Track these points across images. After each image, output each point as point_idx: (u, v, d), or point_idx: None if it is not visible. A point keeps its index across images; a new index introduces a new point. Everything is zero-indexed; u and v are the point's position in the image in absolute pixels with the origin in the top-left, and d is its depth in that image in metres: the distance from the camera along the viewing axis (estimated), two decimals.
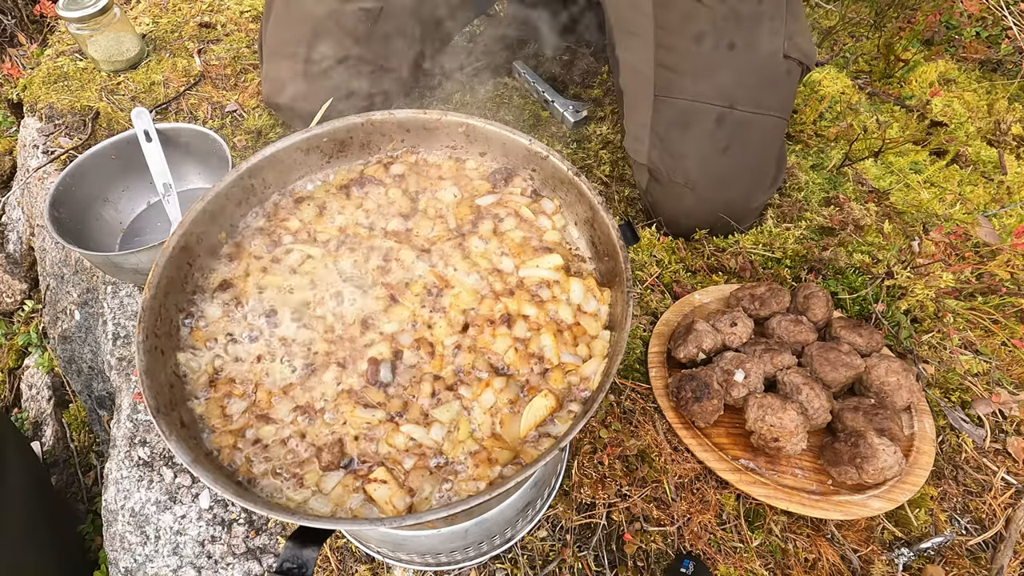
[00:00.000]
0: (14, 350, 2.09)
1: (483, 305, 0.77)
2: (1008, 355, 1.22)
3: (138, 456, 1.16)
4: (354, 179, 0.88)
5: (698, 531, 0.99)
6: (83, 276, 1.56)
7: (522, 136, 0.84)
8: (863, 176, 1.56)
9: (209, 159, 1.42)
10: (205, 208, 0.77)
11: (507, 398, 0.70)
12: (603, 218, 0.76)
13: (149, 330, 0.67)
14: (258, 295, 0.77)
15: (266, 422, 0.68)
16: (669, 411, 1.09)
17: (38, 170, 1.65)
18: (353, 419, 0.67)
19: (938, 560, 0.98)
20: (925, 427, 1.06)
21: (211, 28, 1.97)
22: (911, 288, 1.24)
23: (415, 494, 0.63)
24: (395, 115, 0.87)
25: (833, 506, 0.96)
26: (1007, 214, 1.49)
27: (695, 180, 1.30)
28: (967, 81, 1.87)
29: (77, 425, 1.88)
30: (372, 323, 0.76)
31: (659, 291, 1.31)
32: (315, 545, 0.57)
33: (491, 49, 1.97)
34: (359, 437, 0.67)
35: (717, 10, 1.19)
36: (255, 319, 0.75)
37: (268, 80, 1.50)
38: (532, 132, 1.69)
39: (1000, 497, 1.05)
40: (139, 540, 1.07)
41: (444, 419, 0.68)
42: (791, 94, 1.33)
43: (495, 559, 0.99)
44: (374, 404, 0.68)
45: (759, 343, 1.12)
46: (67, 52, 1.87)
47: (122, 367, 1.31)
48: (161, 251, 0.72)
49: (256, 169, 0.82)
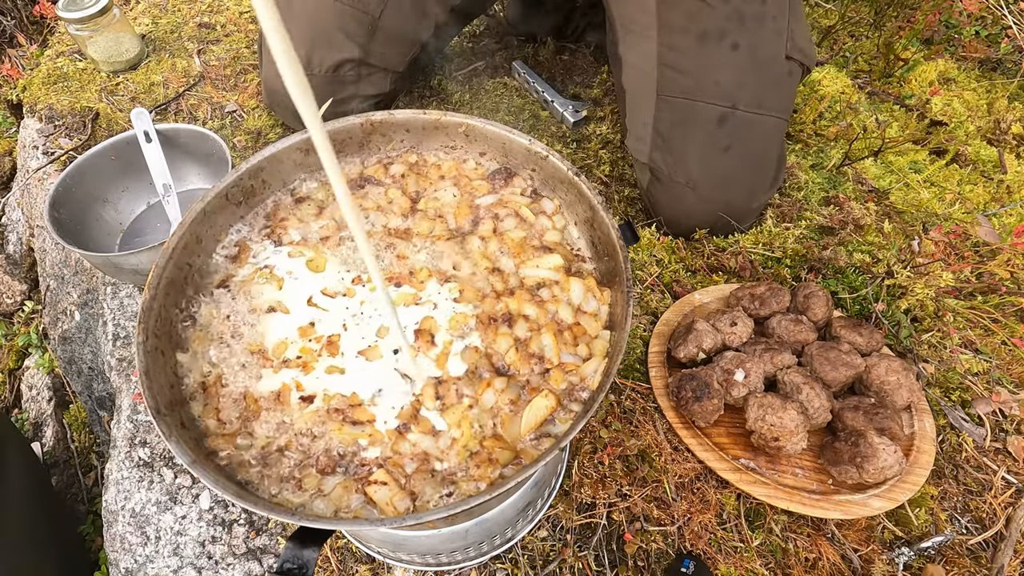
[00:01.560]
0: (14, 351, 2.09)
1: (484, 304, 0.77)
2: (1008, 354, 1.22)
3: (138, 457, 1.16)
4: (353, 179, 0.89)
5: (698, 531, 0.99)
6: (83, 277, 1.56)
7: (522, 136, 0.84)
8: (863, 176, 1.56)
9: (209, 159, 1.42)
10: (205, 209, 0.77)
11: (508, 398, 0.70)
12: (603, 218, 0.76)
13: (149, 331, 0.67)
14: (258, 294, 0.77)
15: (259, 428, 0.67)
16: (669, 411, 1.09)
17: (38, 171, 1.65)
18: (342, 436, 0.67)
19: (938, 559, 0.98)
20: (925, 426, 1.06)
21: (211, 28, 1.97)
22: (911, 287, 1.25)
23: (417, 497, 0.63)
24: (395, 115, 0.87)
25: (833, 505, 0.96)
26: (1007, 213, 1.49)
27: (696, 179, 1.30)
28: (967, 80, 1.87)
29: (77, 426, 1.88)
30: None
31: (659, 291, 1.31)
32: (315, 545, 0.57)
33: (491, 49, 1.97)
34: (352, 452, 0.66)
35: (721, 10, 1.19)
36: (252, 319, 0.75)
37: (268, 81, 1.50)
38: (532, 132, 1.69)
39: (1000, 496, 1.05)
40: (139, 541, 1.07)
41: (451, 422, 0.68)
42: (792, 95, 1.33)
43: (495, 559, 0.99)
44: (363, 421, 0.68)
45: (759, 343, 1.12)
46: (67, 53, 1.87)
47: (122, 368, 1.31)
48: (161, 252, 0.72)
49: (256, 170, 0.82)
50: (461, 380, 0.71)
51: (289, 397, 0.69)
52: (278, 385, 0.70)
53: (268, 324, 0.75)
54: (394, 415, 0.68)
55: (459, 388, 0.70)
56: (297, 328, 0.74)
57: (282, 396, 0.69)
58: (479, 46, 1.99)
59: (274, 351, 0.73)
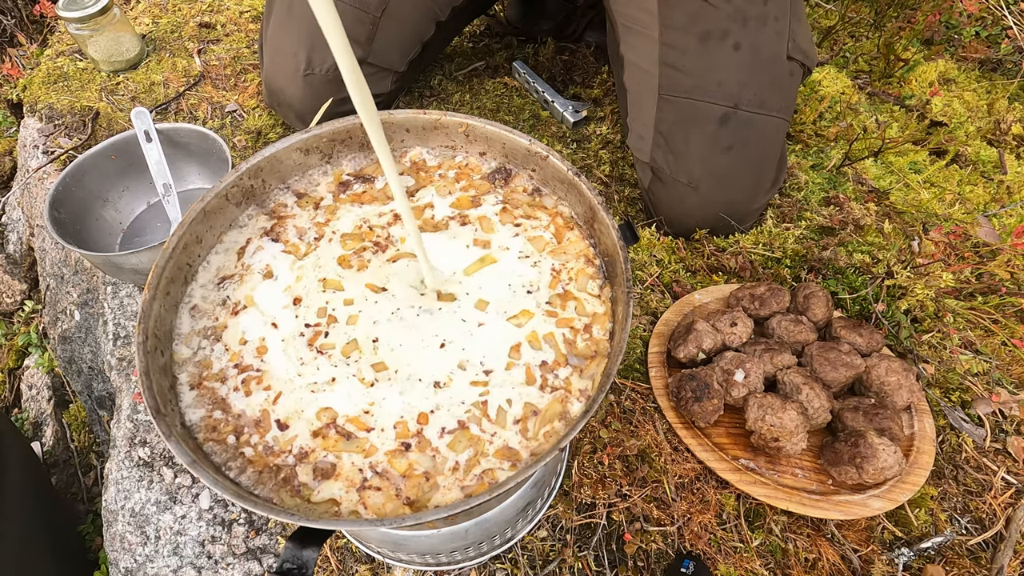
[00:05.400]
0: (14, 350, 2.09)
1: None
2: (1008, 355, 1.22)
3: (138, 456, 1.16)
4: (353, 174, 0.89)
5: (698, 531, 0.99)
6: (83, 276, 1.56)
7: (522, 136, 0.84)
8: (863, 176, 1.56)
9: (209, 159, 1.42)
10: (205, 208, 0.77)
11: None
12: (603, 218, 0.76)
13: (149, 331, 0.67)
14: (259, 293, 0.77)
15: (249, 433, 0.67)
16: (669, 411, 1.09)
17: (38, 170, 1.65)
18: (336, 450, 0.66)
19: (938, 560, 0.98)
20: (925, 427, 1.06)
21: (211, 28, 1.97)
22: (911, 288, 1.25)
23: (414, 504, 0.63)
24: (395, 115, 0.87)
25: (833, 506, 0.97)
26: (1007, 214, 1.49)
27: (698, 179, 1.30)
28: (967, 81, 1.87)
29: (77, 425, 1.88)
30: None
31: (659, 291, 1.31)
32: (315, 545, 0.57)
33: (491, 49, 1.97)
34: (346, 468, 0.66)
35: (724, 10, 1.19)
36: (249, 317, 0.75)
37: (268, 80, 1.50)
38: (532, 132, 1.69)
39: (1000, 497, 1.05)
40: (139, 540, 1.07)
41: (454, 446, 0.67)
42: (793, 95, 1.33)
43: (495, 559, 0.99)
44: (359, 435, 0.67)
45: (759, 343, 1.12)
46: (67, 52, 1.87)
47: (122, 367, 1.31)
48: (161, 252, 0.72)
49: (256, 169, 0.82)
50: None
51: (281, 405, 0.69)
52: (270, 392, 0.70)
53: (255, 324, 0.75)
54: (392, 436, 0.67)
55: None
56: (290, 329, 0.74)
57: (273, 403, 0.69)
58: (479, 46, 1.99)
59: (259, 351, 0.72)
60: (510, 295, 0.77)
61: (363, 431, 0.67)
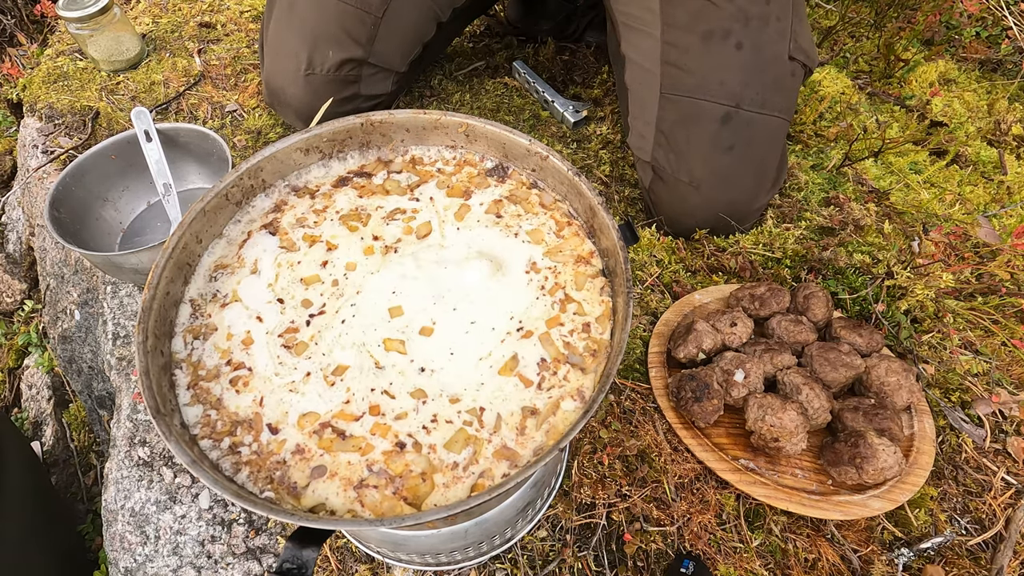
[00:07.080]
0: (14, 350, 2.09)
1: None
2: (1008, 355, 1.22)
3: (138, 456, 1.16)
4: (353, 171, 0.89)
5: (698, 531, 0.99)
6: (83, 276, 1.56)
7: (522, 136, 0.84)
8: (863, 176, 1.56)
9: (209, 159, 1.42)
10: (205, 208, 0.77)
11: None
12: (603, 218, 0.76)
13: (149, 330, 0.67)
14: (257, 291, 0.77)
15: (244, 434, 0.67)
16: (669, 411, 1.09)
17: (38, 170, 1.65)
18: (333, 456, 0.66)
19: (938, 560, 0.98)
20: (925, 427, 1.06)
21: (211, 28, 1.97)
22: (911, 288, 1.25)
23: (412, 503, 0.63)
24: (395, 115, 0.87)
25: (833, 506, 0.97)
26: (1007, 214, 1.49)
27: (699, 178, 1.30)
28: (967, 81, 1.87)
29: (77, 425, 1.89)
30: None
31: (659, 291, 1.31)
32: (315, 545, 0.57)
33: (491, 49, 1.97)
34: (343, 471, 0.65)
35: (726, 9, 1.19)
36: (245, 316, 0.75)
37: (268, 80, 1.50)
38: (532, 132, 1.69)
39: (1000, 497, 1.05)
40: (139, 540, 1.07)
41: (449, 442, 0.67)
42: (795, 95, 1.33)
43: (495, 559, 0.99)
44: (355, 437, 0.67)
45: (759, 343, 1.12)
46: (67, 52, 1.87)
47: (122, 367, 1.31)
48: (161, 251, 0.72)
49: (256, 169, 0.82)
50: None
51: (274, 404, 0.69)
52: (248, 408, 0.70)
53: (249, 323, 0.75)
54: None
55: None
56: (284, 330, 0.74)
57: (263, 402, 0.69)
58: (479, 46, 1.99)
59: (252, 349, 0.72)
60: (510, 294, 0.77)
61: (352, 421, 0.68)
